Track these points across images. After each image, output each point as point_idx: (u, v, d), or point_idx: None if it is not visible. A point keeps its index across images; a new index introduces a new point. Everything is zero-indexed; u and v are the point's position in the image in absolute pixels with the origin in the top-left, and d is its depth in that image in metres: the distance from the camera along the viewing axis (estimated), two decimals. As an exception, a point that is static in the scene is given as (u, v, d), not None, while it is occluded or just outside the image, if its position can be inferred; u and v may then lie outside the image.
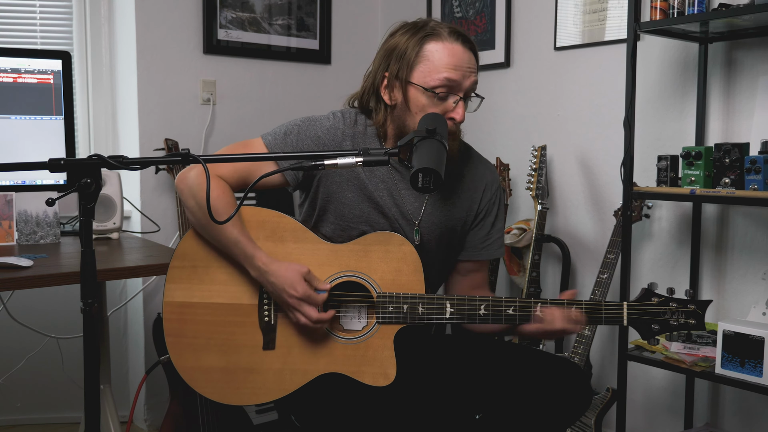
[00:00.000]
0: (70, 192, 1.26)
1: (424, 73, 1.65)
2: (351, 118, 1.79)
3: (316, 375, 1.65)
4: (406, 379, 1.71)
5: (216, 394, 1.68)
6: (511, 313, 1.63)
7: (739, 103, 2.31)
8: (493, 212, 1.85)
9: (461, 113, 1.67)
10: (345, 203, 1.75)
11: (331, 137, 1.74)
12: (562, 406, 1.67)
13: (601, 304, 1.63)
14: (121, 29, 2.99)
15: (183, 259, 1.71)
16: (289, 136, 1.75)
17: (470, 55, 1.69)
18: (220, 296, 1.69)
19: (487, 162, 1.89)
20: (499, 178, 1.91)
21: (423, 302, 1.64)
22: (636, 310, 1.63)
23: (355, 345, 1.65)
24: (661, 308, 1.63)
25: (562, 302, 1.63)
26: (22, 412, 2.98)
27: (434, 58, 1.65)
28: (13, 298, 2.61)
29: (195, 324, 1.68)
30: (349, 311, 1.72)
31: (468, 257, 1.85)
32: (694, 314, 1.62)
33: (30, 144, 2.26)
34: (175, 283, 1.70)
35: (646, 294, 1.64)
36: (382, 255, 1.67)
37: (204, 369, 1.68)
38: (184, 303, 1.69)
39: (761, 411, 2.31)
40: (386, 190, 1.76)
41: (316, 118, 1.78)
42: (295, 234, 1.70)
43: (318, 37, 3.36)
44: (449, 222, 1.80)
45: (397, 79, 1.69)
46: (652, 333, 1.64)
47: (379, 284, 1.66)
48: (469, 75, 1.67)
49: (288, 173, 1.76)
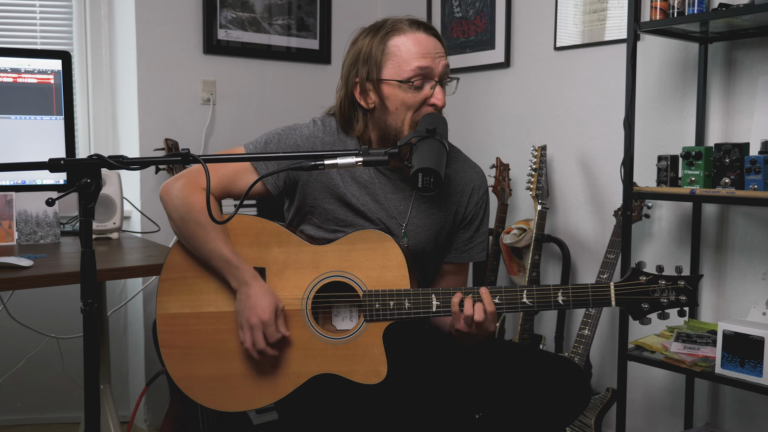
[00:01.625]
0: (70, 192, 1.26)
1: (395, 68, 1.68)
2: (331, 126, 1.80)
3: (308, 377, 1.65)
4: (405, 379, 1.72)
5: (212, 402, 1.70)
6: (497, 302, 1.62)
7: (739, 103, 2.31)
8: (479, 216, 1.86)
9: (441, 98, 1.68)
10: (327, 209, 1.76)
11: (309, 145, 1.76)
12: (562, 405, 1.67)
13: (587, 285, 1.61)
14: (121, 29, 2.99)
15: (172, 270, 1.73)
16: (270, 144, 1.77)
17: (434, 41, 1.71)
18: (210, 305, 1.70)
19: (475, 165, 1.90)
20: (486, 181, 1.91)
21: (409, 297, 1.64)
22: (624, 290, 1.60)
23: (345, 345, 1.65)
24: (650, 287, 1.59)
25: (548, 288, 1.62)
26: (22, 412, 2.98)
27: (401, 51, 1.68)
28: (13, 298, 2.61)
29: (187, 334, 1.70)
30: (340, 312, 1.73)
31: (450, 259, 1.86)
32: (684, 290, 1.57)
33: (30, 144, 2.26)
34: (167, 295, 1.72)
35: (633, 273, 1.60)
36: (365, 253, 1.67)
37: (198, 378, 1.69)
38: (176, 314, 1.71)
39: (761, 411, 2.31)
40: (369, 196, 1.76)
41: (296, 127, 1.80)
42: (278, 238, 1.70)
43: (318, 37, 3.36)
44: (435, 224, 1.80)
45: (369, 81, 1.70)
46: (643, 312, 1.59)
47: (365, 282, 1.66)
48: (439, 59, 1.69)
49: (268, 182, 1.77)
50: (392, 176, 1.78)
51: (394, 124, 1.70)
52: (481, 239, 1.87)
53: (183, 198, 1.70)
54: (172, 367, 1.70)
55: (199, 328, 1.70)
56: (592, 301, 1.60)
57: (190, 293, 1.71)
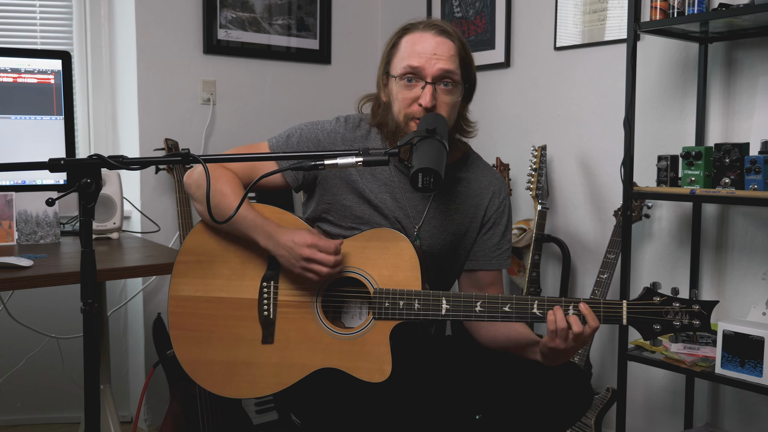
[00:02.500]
0: (70, 192, 1.26)
1: (395, 63, 1.73)
2: (354, 122, 1.83)
3: (312, 370, 1.66)
4: (406, 379, 1.72)
5: (215, 386, 1.71)
6: (507, 311, 1.62)
7: (739, 103, 2.31)
8: (502, 222, 1.86)
9: (427, 98, 1.68)
10: (345, 205, 1.78)
11: (330, 141, 1.79)
12: (563, 406, 1.67)
13: (599, 302, 1.61)
14: (121, 29, 2.99)
15: (188, 254, 1.75)
16: (292, 138, 1.81)
17: (440, 42, 1.70)
18: (222, 291, 1.72)
19: (495, 171, 1.91)
20: (506, 187, 1.92)
21: (419, 299, 1.64)
22: (636, 309, 1.61)
23: (351, 341, 1.65)
24: (663, 308, 1.59)
25: (560, 300, 1.62)
26: (22, 412, 2.98)
27: (402, 48, 1.73)
28: (13, 298, 2.61)
29: (198, 317, 1.71)
30: (350, 308, 1.73)
31: (482, 266, 1.85)
32: (699, 315, 1.57)
33: (30, 144, 2.26)
34: (181, 277, 1.74)
35: (647, 293, 1.60)
36: (380, 251, 1.67)
37: (205, 362, 1.71)
38: (188, 297, 1.73)
39: (761, 411, 2.31)
40: (388, 193, 1.78)
41: (320, 122, 1.83)
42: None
43: (318, 37, 3.36)
44: (451, 226, 1.80)
45: (384, 75, 1.77)
46: (654, 333, 1.60)
47: (376, 280, 1.66)
48: (436, 61, 1.69)
49: (288, 175, 1.80)
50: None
51: (394, 117, 1.74)
52: (508, 246, 1.88)
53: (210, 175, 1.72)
54: (179, 348, 1.72)
55: (209, 312, 1.71)
56: (603, 317, 1.58)
57: (204, 277, 1.72)
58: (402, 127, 1.72)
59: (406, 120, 1.71)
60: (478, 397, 1.73)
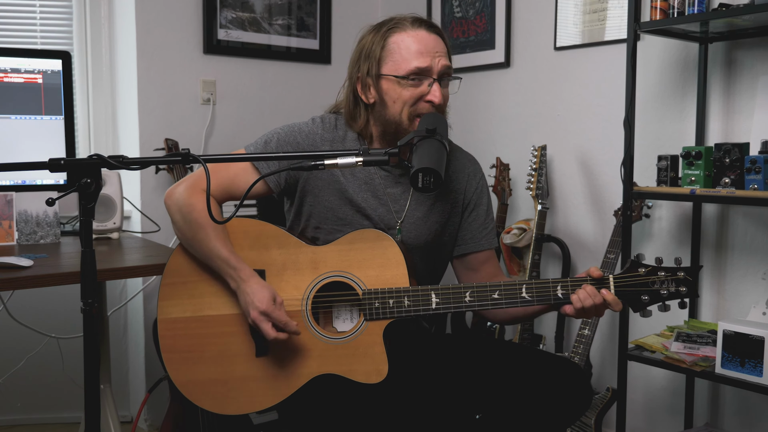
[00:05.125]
0: (70, 192, 1.26)
1: (394, 64, 1.70)
2: (330, 123, 1.82)
3: (309, 378, 1.65)
4: (406, 379, 1.71)
5: (215, 406, 1.70)
6: (496, 297, 1.62)
7: (739, 103, 2.31)
8: (483, 201, 1.87)
9: (438, 95, 1.69)
10: (328, 207, 1.77)
11: (309, 143, 1.78)
12: (563, 406, 1.67)
13: (586, 278, 1.61)
14: (121, 29, 2.99)
15: (173, 275, 1.73)
16: (270, 143, 1.79)
17: (436, 39, 1.72)
18: (210, 308, 1.70)
19: (468, 154, 1.91)
20: (481, 168, 1.92)
21: (408, 295, 1.64)
22: (622, 282, 1.59)
23: (345, 344, 1.65)
24: (649, 278, 1.58)
25: (547, 282, 1.62)
26: (22, 412, 2.98)
27: (400, 48, 1.70)
28: (13, 298, 2.61)
29: (189, 338, 1.70)
30: (341, 314, 1.73)
31: (473, 249, 1.86)
32: (684, 281, 1.56)
33: (30, 144, 2.26)
34: (168, 299, 1.72)
35: (632, 265, 1.59)
36: (364, 252, 1.67)
37: (200, 382, 1.69)
38: (177, 318, 1.71)
39: (761, 411, 2.31)
40: (369, 191, 1.78)
41: (295, 125, 1.81)
42: (278, 240, 1.71)
43: (318, 37, 3.36)
44: (434, 215, 1.81)
45: (369, 77, 1.73)
46: (643, 304, 1.59)
47: (364, 282, 1.66)
48: (439, 58, 1.70)
49: (271, 180, 1.78)
50: (393, 171, 1.80)
51: (392, 117, 1.72)
52: (492, 225, 1.89)
53: (185, 200, 1.72)
54: (174, 371, 1.70)
55: (200, 331, 1.70)
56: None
57: (191, 297, 1.71)
58: (406, 126, 1.71)
59: (412, 117, 1.70)
60: (478, 397, 1.73)
